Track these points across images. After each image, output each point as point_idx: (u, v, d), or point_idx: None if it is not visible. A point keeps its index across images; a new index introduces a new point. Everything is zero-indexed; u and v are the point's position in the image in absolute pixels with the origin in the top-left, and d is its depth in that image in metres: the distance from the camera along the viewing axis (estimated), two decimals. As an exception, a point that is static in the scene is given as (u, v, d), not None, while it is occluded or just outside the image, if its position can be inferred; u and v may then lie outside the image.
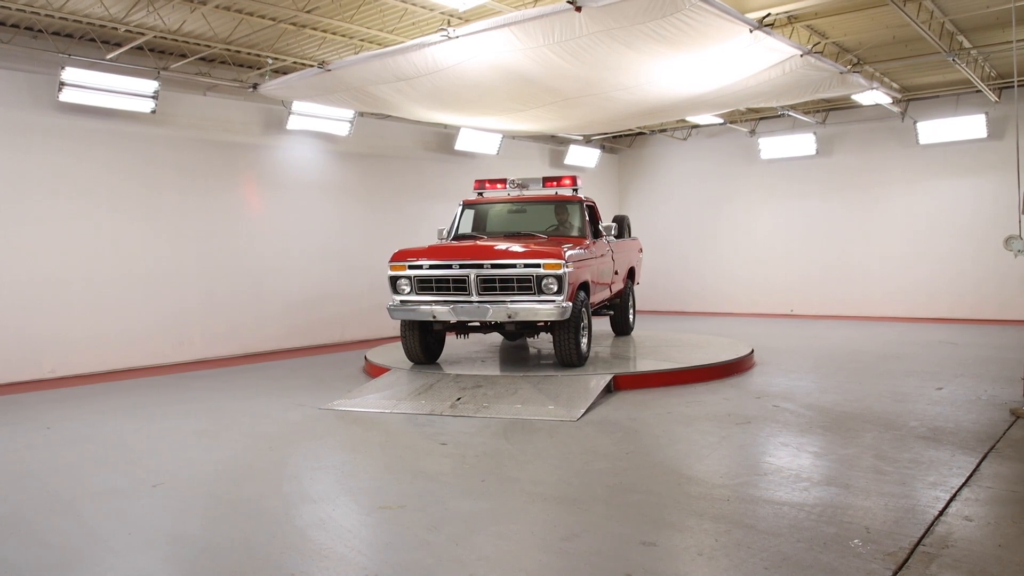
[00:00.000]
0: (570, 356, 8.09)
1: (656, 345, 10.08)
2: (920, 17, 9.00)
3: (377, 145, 13.16)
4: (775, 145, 16.06)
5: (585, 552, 3.76)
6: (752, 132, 16.35)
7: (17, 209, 9.10)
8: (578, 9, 6.35)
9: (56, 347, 9.36)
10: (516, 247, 8.08)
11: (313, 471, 5.45)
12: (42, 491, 4.98)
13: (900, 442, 5.69)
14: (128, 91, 9.56)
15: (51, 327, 9.32)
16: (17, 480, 5.27)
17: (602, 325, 11.23)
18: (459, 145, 14.03)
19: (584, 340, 8.30)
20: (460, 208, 10.00)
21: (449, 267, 7.97)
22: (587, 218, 9.45)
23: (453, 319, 8.00)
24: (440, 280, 8.04)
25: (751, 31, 7.01)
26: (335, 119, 11.86)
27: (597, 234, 9.58)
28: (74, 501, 4.73)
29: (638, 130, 16.95)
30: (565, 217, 9.51)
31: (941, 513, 4.18)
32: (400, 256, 8.29)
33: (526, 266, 7.75)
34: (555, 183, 9.94)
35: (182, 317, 10.58)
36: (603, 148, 17.79)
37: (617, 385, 7.81)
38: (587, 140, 16.72)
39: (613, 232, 9.50)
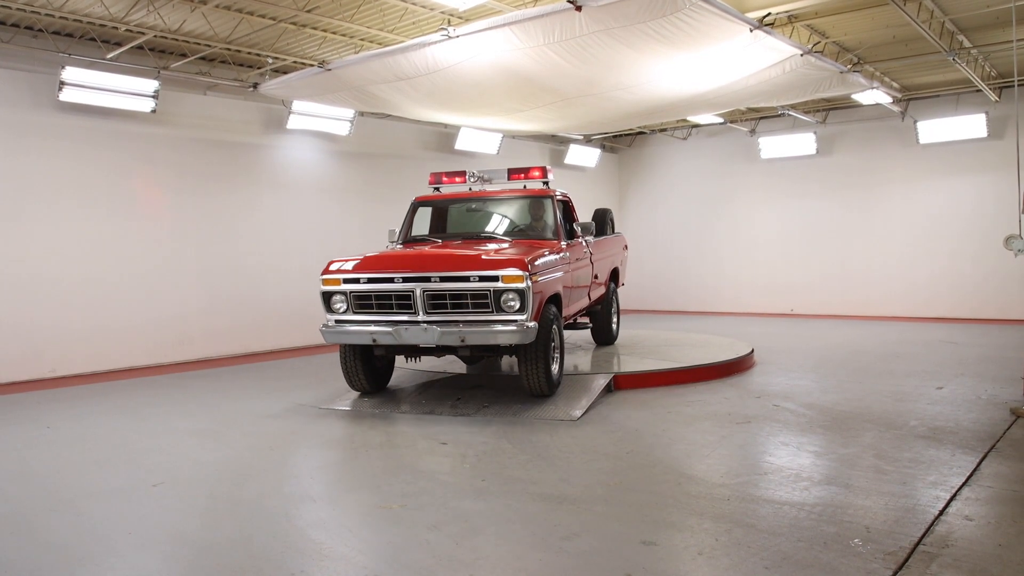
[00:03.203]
0: (538, 385, 6.97)
1: (656, 345, 10.06)
2: (920, 16, 9.00)
3: (377, 145, 13.16)
4: (775, 144, 16.07)
5: (585, 552, 3.76)
6: (752, 132, 16.34)
7: (17, 208, 9.09)
8: (578, 8, 6.35)
9: (56, 346, 9.36)
10: (471, 255, 6.89)
11: (313, 471, 5.45)
12: (42, 491, 4.98)
13: (900, 441, 5.69)
14: (128, 91, 9.56)
15: (51, 326, 9.32)
16: (17, 479, 5.27)
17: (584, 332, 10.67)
18: (459, 145, 14.03)
19: (555, 366, 7.16)
20: (411, 206, 8.71)
21: (391, 280, 6.76)
22: (559, 216, 8.22)
23: (396, 342, 6.79)
24: (381, 296, 6.84)
25: (751, 30, 7.02)
26: (335, 119, 11.86)
27: (572, 234, 8.42)
28: (74, 501, 4.73)
29: (638, 130, 16.95)
30: (534, 215, 8.33)
31: (941, 513, 4.18)
32: (334, 268, 7.05)
33: (481, 279, 6.52)
34: (522, 175, 8.59)
35: (182, 317, 10.58)
36: (603, 147, 17.79)
37: (617, 385, 7.81)
38: (587, 139, 16.72)
39: (592, 230, 8.44)
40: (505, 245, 7.55)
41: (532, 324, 6.54)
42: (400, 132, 13.49)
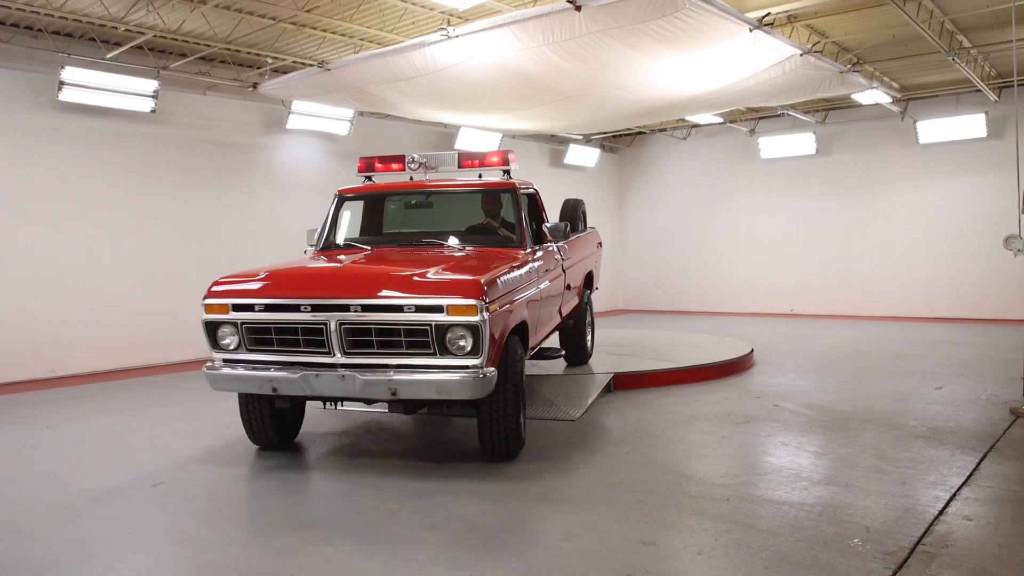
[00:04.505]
0: (504, 443, 5.22)
1: (655, 345, 10.06)
2: (920, 16, 9.00)
3: (377, 145, 13.13)
4: (775, 144, 16.07)
5: (585, 552, 3.76)
6: (752, 131, 16.35)
7: (17, 209, 9.10)
8: (578, 8, 6.36)
9: (56, 346, 9.36)
10: (404, 275, 5.09)
11: (312, 471, 5.45)
12: (42, 491, 4.98)
13: (900, 441, 5.70)
14: (128, 90, 9.56)
15: (51, 326, 9.32)
16: (17, 480, 5.27)
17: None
18: (459, 144, 14.02)
19: (520, 416, 5.33)
20: (334, 201, 6.81)
21: (295, 309, 4.90)
22: (525, 215, 6.42)
23: (304, 393, 5.01)
24: (284, 330, 5.02)
25: (751, 30, 7.03)
26: (335, 119, 11.87)
27: (540, 237, 6.69)
28: (74, 501, 4.73)
29: (638, 129, 16.96)
30: (492, 214, 6.60)
31: (941, 512, 4.19)
32: (220, 289, 5.17)
33: (419, 309, 4.70)
34: (477, 162, 6.65)
35: (182, 317, 10.56)
36: (603, 147, 17.79)
37: (617, 385, 7.81)
38: (587, 139, 16.72)
39: (564, 232, 6.64)
40: (455, 257, 5.80)
41: (491, 371, 4.78)
42: (400, 132, 13.49)
